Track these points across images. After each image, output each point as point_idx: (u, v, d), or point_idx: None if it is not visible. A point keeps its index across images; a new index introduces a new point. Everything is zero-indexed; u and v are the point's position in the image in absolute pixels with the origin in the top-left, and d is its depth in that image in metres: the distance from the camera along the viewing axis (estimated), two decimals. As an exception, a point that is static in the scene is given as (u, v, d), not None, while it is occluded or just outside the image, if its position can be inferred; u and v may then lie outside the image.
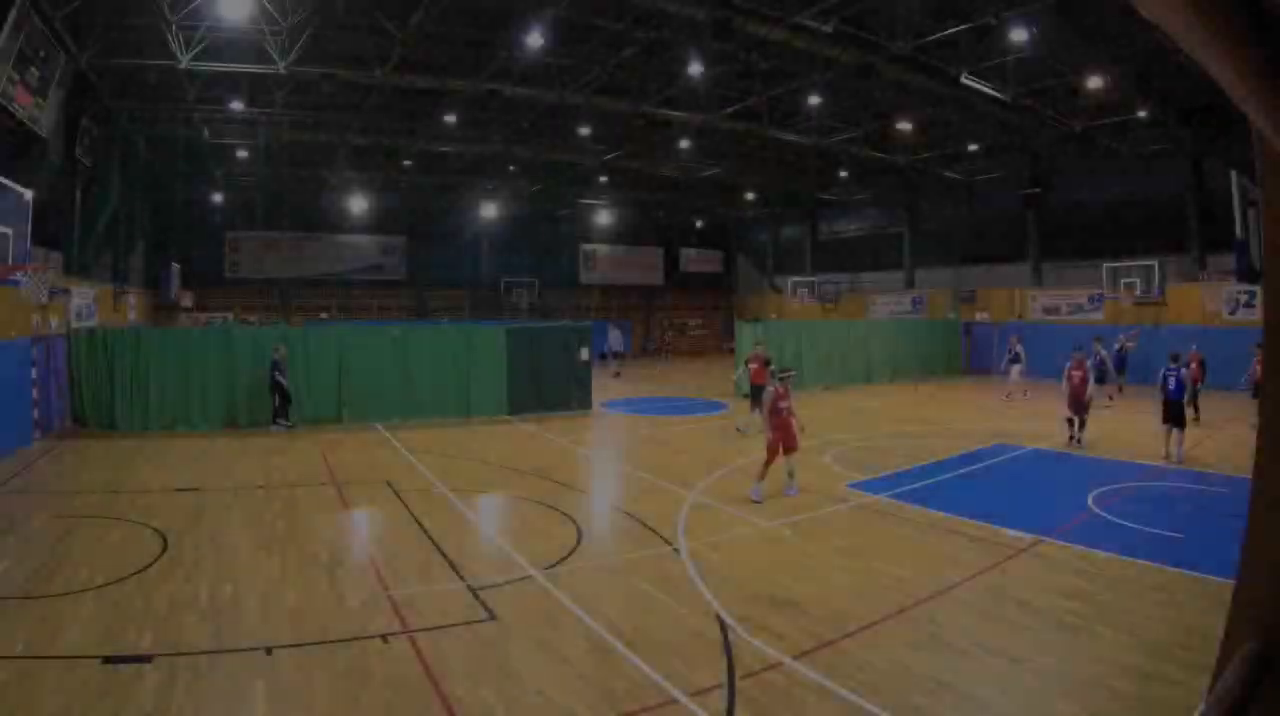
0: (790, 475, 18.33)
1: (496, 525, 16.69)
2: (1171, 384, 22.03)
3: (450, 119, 40.92)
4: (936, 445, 25.13)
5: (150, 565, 13.18)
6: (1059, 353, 46.30)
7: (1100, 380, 28.49)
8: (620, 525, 16.32)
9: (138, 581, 12.40)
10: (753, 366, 27.52)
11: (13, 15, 22.65)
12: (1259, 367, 7.47)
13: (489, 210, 63.44)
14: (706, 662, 9.78)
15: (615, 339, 54.73)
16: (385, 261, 64.45)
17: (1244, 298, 38.85)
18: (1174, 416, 22.08)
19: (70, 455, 23.29)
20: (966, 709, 8.65)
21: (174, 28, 27.64)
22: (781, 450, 18.24)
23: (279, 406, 27.79)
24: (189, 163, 48.24)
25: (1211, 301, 39.78)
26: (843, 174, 56.25)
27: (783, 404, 18.41)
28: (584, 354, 32.94)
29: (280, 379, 27.60)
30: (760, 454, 18.63)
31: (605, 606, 11.57)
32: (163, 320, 52.13)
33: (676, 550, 14.37)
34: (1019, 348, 35.48)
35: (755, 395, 25.15)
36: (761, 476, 17.87)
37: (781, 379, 19.25)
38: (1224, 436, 26.50)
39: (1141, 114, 37.18)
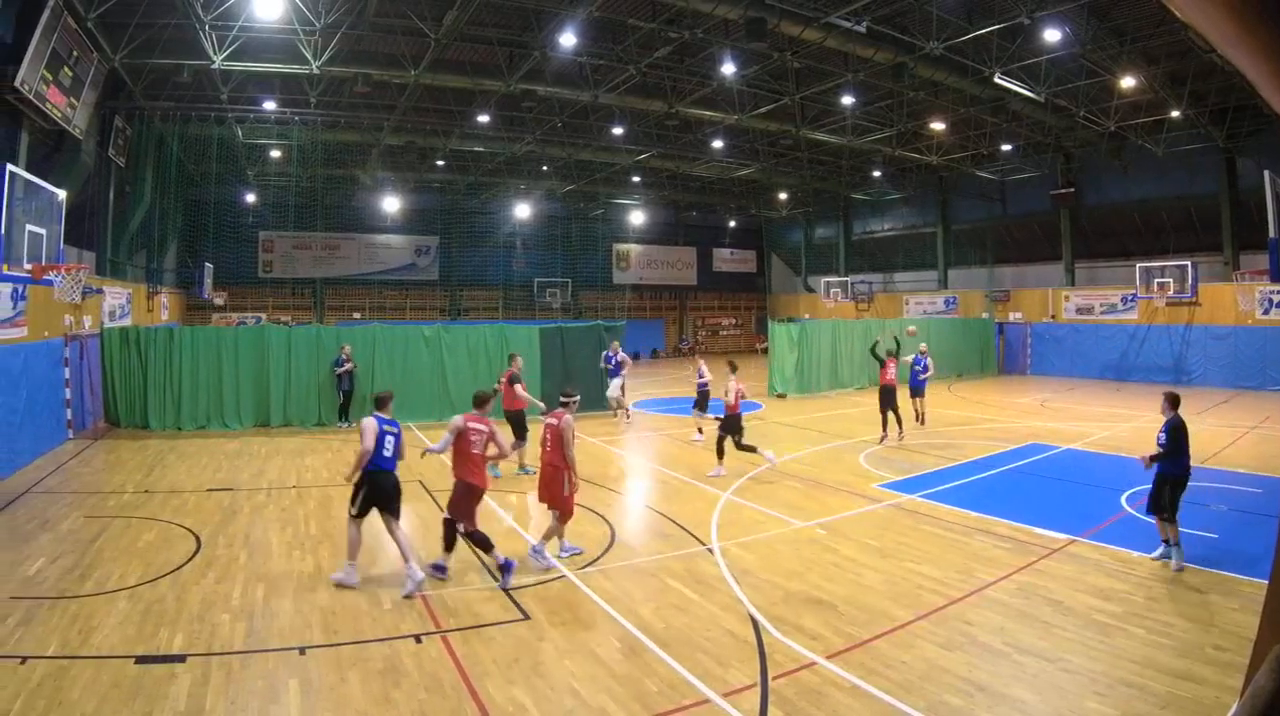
0: (546, 539, 14.03)
1: (529, 524, 16.67)
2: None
3: (483, 118, 41.02)
4: (969, 445, 25.12)
5: (183, 565, 13.30)
6: (1092, 353, 46.58)
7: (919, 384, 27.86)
8: (653, 524, 16.35)
9: (171, 581, 12.52)
10: (501, 386, 21.39)
11: (45, 16, 22.83)
12: None
13: (522, 210, 63.79)
14: (739, 662, 9.81)
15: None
16: (418, 261, 64.58)
17: (1277, 297, 38.66)
18: None
19: (103, 455, 23.44)
20: (1000, 709, 8.64)
21: (207, 28, 27.76)
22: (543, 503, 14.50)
23: (343, 404, 28.27)
24: (222, 162, 48.32)
25: (1245, 301, 39.53)
26: (876, 173, 56.01)
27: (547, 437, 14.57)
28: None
29: (344, 375, 28.25)
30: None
31: (638, 606, 11.64)
32: (195, 320, 52.64)
33: (709, 549, 14.44)
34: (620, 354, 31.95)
35: (515, 424, 20.89)
36: (550, 536, 14.04)
37: (564, 403, 15.47)
38: (1258, 437, 26.39)
39: (1175, 114, 36.98)
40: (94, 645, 10.06)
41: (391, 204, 59.44)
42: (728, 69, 33.27)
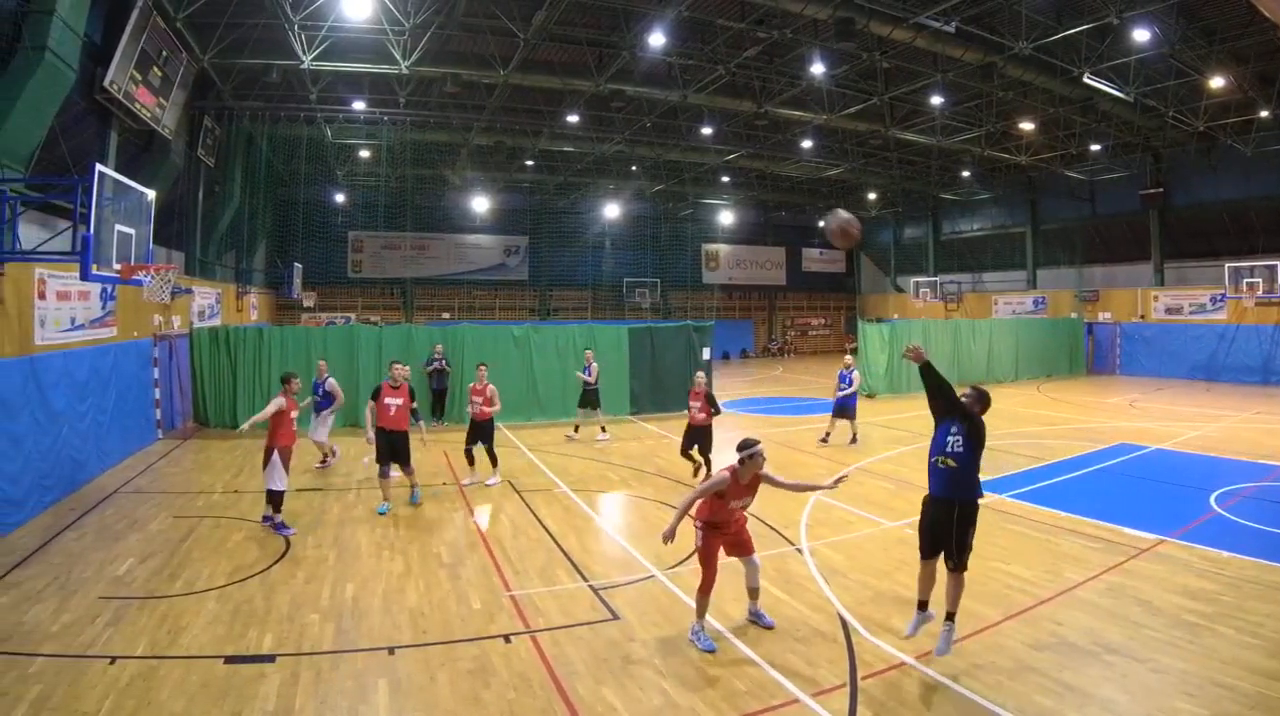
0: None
1: (618, 524, 16.67)
2: None
3: (572, 118, 41.04)
4: (1058, 445, 24.91)
5: (272, 565, 13.44)
6: (1181, 353, 46.09)
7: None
8: (741, 525, 16.21)
9: (259, 581, 12.66)
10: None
11: (134, 16, 23.19)
12: None
13: (611, 210, 63.90)
14: (828, 662, 9.83)
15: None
16: (508, 261, 64.98)
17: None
18: None
19: (192, 455, 23.68)
20: (1089, 709, 8.62)
21: (296, 28, 28.14)
22: None
23: (436, 403, 28.56)
24: (311, 162, 48.86)
25: (1335, 301, 39.07)
26: (965, 173, 55.65)
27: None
28: (705, 353, 32.89)
29: (438, 374, 28.58)
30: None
31: (727, 606, 11.59)
32: (285, 320, 53.02)
33: (799, 549, 14.45)
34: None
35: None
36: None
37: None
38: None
39: (1264, 113, 36.44)
40: (183, 645, 10.21)
41: (481, 204, 59.86)
42: (817, 69, 33.05)
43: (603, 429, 27.30)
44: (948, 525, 9.42)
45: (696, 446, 20.14)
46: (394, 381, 17.23)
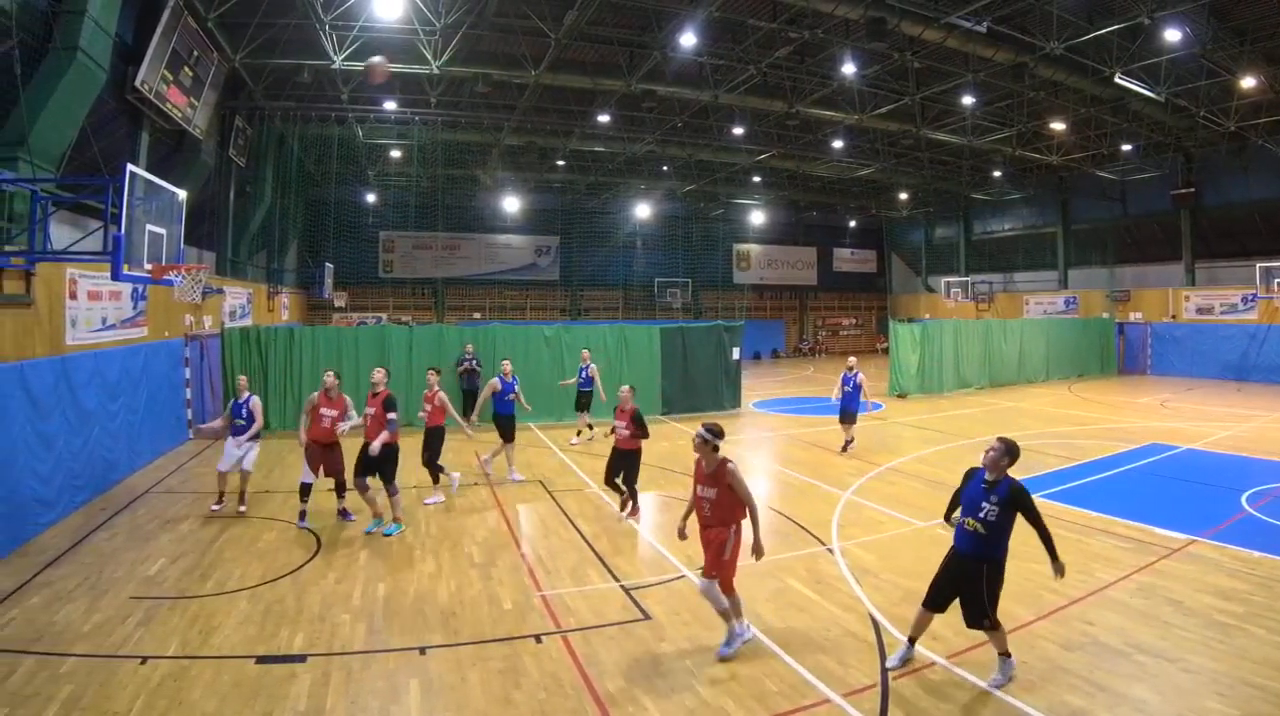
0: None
1: (650, 524, 16.66)
2: None
3: (604, 118, 40.88)
4: (1089, 445, 24.85)
5: (303, 565, 13.53)
6: (1212, 353, 45.94)
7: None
8: (773, 525, 16.16)
9: (291, 581, 12.75)
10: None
11: (165, 16, 23.31)
12: None
13: (642, 210, 63.91)
14: (860, 662, 9.85)
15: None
16: (539, 261, 65.08)
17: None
18: None
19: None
20: (1120, 709, 8.62)
21: (327, 28, 28.21)
22: None
23: (466, 403, 28.19)
24: (342, 162, 48.98)
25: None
26: (996, 173, 55.41)
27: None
28: (735, 353, 33.01)
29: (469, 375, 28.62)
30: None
31: (758, 605, 11.65)
32: (316, 320, 53.46)
33: (830, 549, 14.47)
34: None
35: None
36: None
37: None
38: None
39: (1295, 113, 36.37)
40: (214, 645, 10.29)
41: (512, 204, 59.95)
42: (848, 69, 32.90)
43: (590, 427, 26.47)
44: (976, 582, 9.27)
45: (621, 474, 17.17)
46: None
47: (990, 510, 9.22)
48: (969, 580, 9.35)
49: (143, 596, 11.96)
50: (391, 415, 15.65)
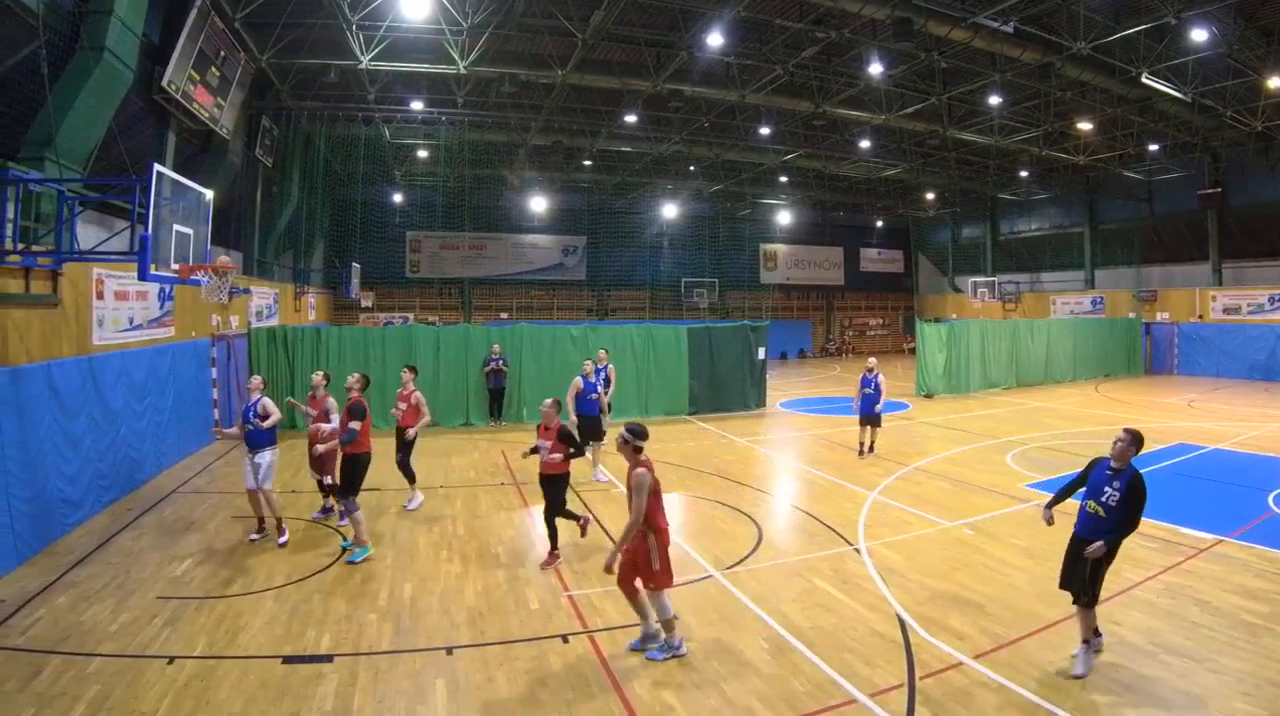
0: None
1: (676, 524, 16.19)
2: None
3: (630, 119, 41.01)
4: (1117, 446, 24.72)
5: (329, 565, 13.54)
6: (1239, 353, 45.72)
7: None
8: (800, 525, 16.25)
9: (317, 581, 12.77)
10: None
11: (192, 16, 23.38)
12: None
13: (669, 209, 64.06)
14: (886, 662, 9.82)
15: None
16: (565, 261, 64.96)
17: None
18: None
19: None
20: (1146, 708, 8.59)
21: (354, 28, 28.34)
22: None
23: (493, 403, 28.66)
24: (369, 162, 49.24)
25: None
26: (1023, 173, 55.29)
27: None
28: (761, 353, 33.01)
29: (495, 375, 28.59)
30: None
31: (785, 606, 11.65)
32: (343, 320, 53.52)
33: (857, 550, 14.39)
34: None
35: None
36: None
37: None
38: None
39: (1323, 113, 36.23)
40: (241, 645, 10.32)
41: (539, 204, 59.97)
42: (875, 69, 32.90)
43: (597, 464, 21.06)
44: (1088, 559, 9.45)
45: (546, 507, 14.00)
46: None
47: (1112, 495, 9.57)
48: (1083, 557, 9.53)
49: (169, 596, 12.00)
50: (354, 424, 14.37)
